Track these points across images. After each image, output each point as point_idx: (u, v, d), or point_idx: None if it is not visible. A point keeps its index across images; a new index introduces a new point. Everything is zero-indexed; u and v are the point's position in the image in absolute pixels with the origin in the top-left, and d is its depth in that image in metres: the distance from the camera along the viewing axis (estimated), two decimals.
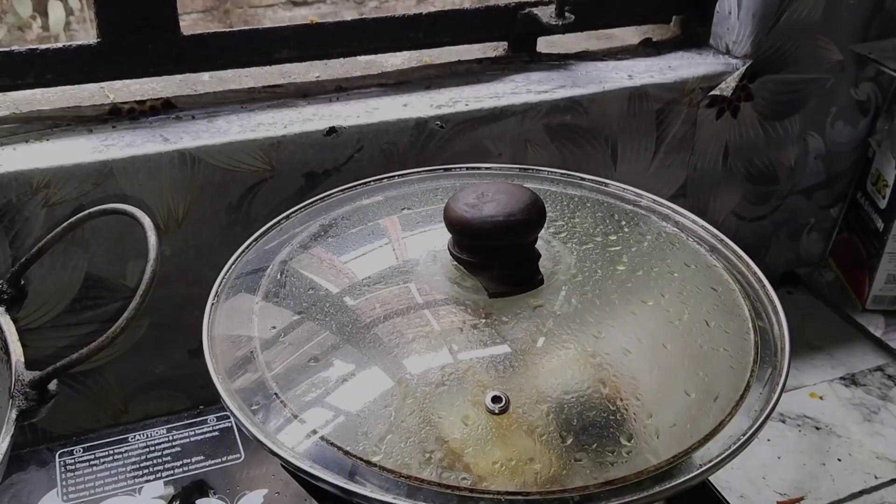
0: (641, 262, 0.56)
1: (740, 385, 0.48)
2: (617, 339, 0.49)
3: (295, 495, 0.62)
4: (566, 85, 0.81)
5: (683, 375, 0.48)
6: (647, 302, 0.53)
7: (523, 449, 0.43)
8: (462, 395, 0.45)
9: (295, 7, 1.55)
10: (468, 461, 0.42)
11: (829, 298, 1.01)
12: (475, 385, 0.45)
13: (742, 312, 0.53)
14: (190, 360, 0.74)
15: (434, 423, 0.44)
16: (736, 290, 0.55)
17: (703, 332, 0.51)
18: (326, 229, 0.60)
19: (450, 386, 0.45)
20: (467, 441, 0.43)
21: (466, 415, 0.44)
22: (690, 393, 0.47)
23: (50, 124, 0.69)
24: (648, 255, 0.58)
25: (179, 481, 0.62)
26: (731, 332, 0.52)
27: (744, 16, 0.85)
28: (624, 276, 0.54)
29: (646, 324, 0.52)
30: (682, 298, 0.54)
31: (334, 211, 0.63)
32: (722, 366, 0.49)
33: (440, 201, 0.57)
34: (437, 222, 0.54)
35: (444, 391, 0.45)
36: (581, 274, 0.53)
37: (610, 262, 0.55)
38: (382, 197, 0.65)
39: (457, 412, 0.44)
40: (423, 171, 0.68)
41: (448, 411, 0.44)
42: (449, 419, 0.44)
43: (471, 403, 0.44)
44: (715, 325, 0.52)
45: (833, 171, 1.00)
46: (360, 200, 0.64)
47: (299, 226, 0.61)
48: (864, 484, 0.76)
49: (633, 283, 0.54)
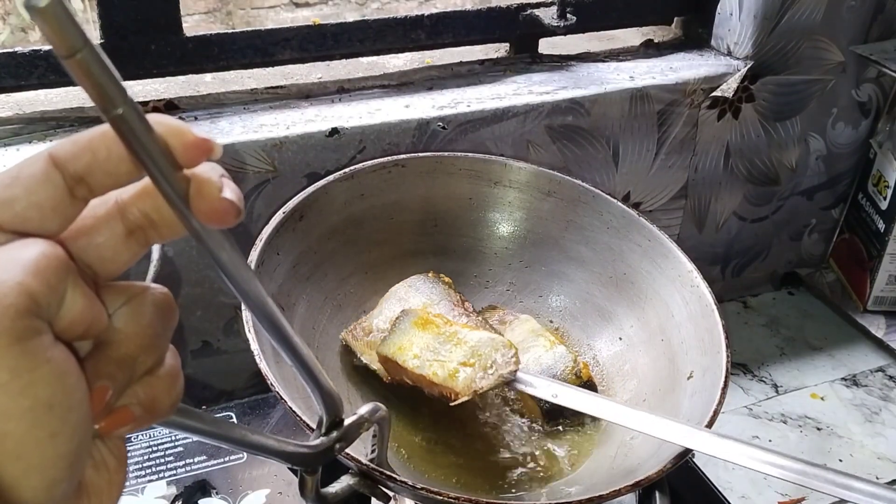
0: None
1: None
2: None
3: (296, 495, 0.62)
4: (568, 86, 0.81)
5: None
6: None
7: None
8: None
9: (297, 8, 1.55)
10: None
11: (830, 299, 1.01)
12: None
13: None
14: (193, 361, 0.75)
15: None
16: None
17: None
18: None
19: None
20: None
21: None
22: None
23: (53, 125, 0.69)
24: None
25: (182, 481, 0.62)
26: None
27: (745, 17, 0.85)
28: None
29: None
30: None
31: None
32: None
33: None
34: None
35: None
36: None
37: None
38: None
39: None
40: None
41: None
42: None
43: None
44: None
45: (834, 172, 1.00)
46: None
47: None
48: None
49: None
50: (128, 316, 0.27)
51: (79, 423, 0.24)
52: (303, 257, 0.62)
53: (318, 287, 0.64)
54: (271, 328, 0.31)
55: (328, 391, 0.36)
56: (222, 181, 0.26)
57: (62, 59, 0.22)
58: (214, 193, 0.25)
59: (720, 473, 0.76)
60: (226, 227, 0.26)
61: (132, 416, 0.26)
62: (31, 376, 0.23)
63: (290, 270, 0.61)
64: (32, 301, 0.23)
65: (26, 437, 0.23)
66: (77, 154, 0.25)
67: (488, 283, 0.72)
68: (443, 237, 0.71)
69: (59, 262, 0.24)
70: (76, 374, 0.25)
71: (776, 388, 0.88)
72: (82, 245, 0.26)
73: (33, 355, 0.23)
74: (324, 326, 0.63)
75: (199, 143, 0.26)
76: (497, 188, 0.72)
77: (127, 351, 0.26)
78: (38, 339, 0.23)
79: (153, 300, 0.27)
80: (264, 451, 0.33)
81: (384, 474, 0.45)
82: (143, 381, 0.27)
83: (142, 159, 0.24)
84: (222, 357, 0.76)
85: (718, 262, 0.99)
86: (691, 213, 0.92)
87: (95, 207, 0.26)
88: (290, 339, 0.32)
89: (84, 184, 0.25)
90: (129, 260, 0.27)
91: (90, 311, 0.25)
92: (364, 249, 0.68)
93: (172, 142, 0.25)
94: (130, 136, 0.24)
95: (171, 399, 0.28)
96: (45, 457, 0.24)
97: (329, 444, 0.37)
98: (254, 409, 0.70)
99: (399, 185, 0.69)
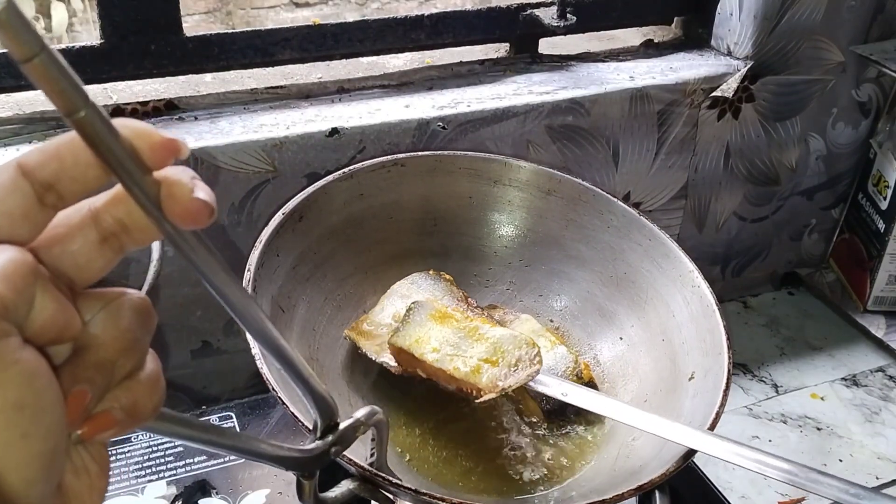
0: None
1: None
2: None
3: (297, 495, 0.62)
4: (568, 86, 0.81)
5: None
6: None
7: None
8: None
9: (297, 8, 1.56)
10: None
11: (830, 299, 1.01)
12: None
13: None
14: (192, 361, 0.75)
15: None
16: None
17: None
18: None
19: None
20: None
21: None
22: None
23: (53, 125, 0.69)
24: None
25: (182, 481, 0.62)
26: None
27: (745, 17, 0.85)
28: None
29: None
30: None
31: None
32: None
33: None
34: None
35: None
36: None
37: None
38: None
39: None
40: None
41: None
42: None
43: None
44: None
45: (834, 172, 1.00)
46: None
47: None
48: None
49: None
50: (105, 321, 0.27)
51: (52, 425, 0.25)
52: (302, 258, 0.62)
53: (317, 288, 0.64)
54: (255, 331, 0.31)
55: (320, 395, 0.35)
56: (193, 182, 0.26)
57: (20, 64, 0.22)
58: (186, 194, 0.25)
59: (720, 473, 0.76)
60: (199, 227, 0.26)
61: (114, 421, 0.27)
62: (0, 377, 0.23)
63: (290, 271, 0.61)
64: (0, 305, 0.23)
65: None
66: (44, 162, 0.25)
67: (488, 282, 0.72)
68: (443, 236, 0.71)
69: (26, 268, 0.24)
70: (47, 376, 0.25)
71: (776, 388, 0.88)
72: (56, 253, 0.26)
73: (1, 357, 0.23)
74: (324, 328, 0.63)
75: (166, 144, 0.26)
76: (497, 187, 0.71)
77: (105, 355, 0.26)
78: (5, 341, 0.24)
79: (130, 305, 0.28)
80: (257, 455, 0.33)
81: (384, 478, 0.45)
82: (124, 385, 0.27)
83: (109, 162, 0.24)
84: (222, 357, 0.76)
85: (718, 262, 0.99)
86: (691, 213, 0.92)
87: (69, 216, 0.27)
88: (275, 342, 0.32)
89: (53, 191, 0.25)
90: (104, 266, 0.27)
91: (61, 316, 0.26)
92: (363, 249, 0.68)
93: (139, 143, 0.25)
94: (95, 139, 0.24)
95: (153, 403, 0.28)
96: (18, 457, 0.24)
97: (324, 448, 0.37)
98: (254, 410, 0.70)
99: (398, 185, 0.69)
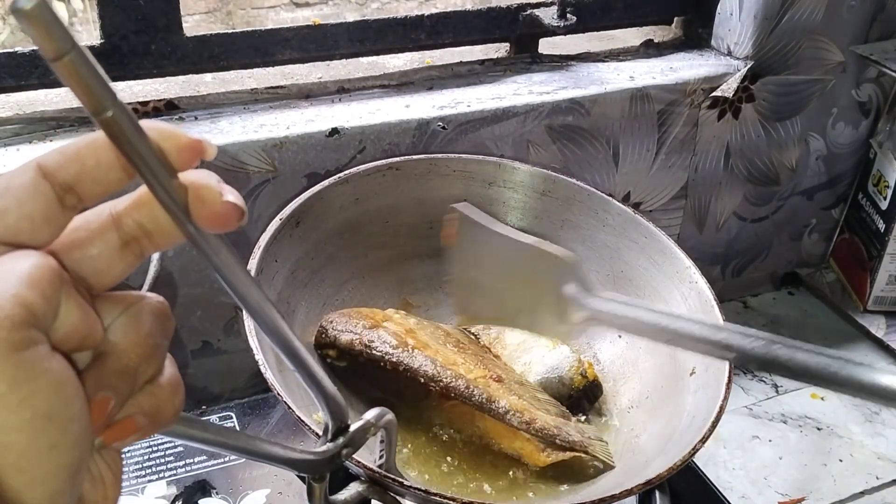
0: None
1: None
2: None
3: (297, 495, 0.62)
4: (568, 86, 0.81)
5: None
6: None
7: None
8: None
9: (297, 8, 1.55)
10: None
11: (831, 299, 1.01)
12: None
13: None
14: (193, 361, 0.75)
15: None
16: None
17: None
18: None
19: None
20: None
21: None
22: None
23: (53, 125, 0.69)
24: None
25: (182, 481, 0.62)
26: None
27: (745, 17, 0.85)
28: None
29: None
30: None
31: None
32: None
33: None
34: None
35: None
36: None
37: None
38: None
39: None
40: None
41: None
42: None
43: None
44: None
45: (834, 172, 1.00)
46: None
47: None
48: (866, 485, 0.76)
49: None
50: (126, 326, 0.27)
51: (79, 434, 0.24)
52: (301, 263, 0.62)
53: (316, 293, 0.64)
54: (271, 333, 0.31)
55: (333, 396, 0.35)
56: (220, 185, 0.26)
57: (50, 62, 0.22)
58: (216, 198, 0.25)
59: (720, 473, 0.76)
60: (229, 230, 0.26)
61: (136, 427, 0.26)
62: (30, 387, 0.23)
63: (289, 277, 0.61)
64: (29, 312, 0.23)
65: (28, 449, 0.23)
66: (65, 163, 0.25)
67: None
68: (439, 239, 0.71)
69: (53, 274, 0.24)
70: (74, 384, 0.24)
71: (776, 388, 0.88)
72: (76, 257, 0.26)
73: (31, 366, 0.23)
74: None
75: (193, 145, 0.26)
76: (491, 189, 0.72)
77: (128, 362, 0.26)
78: (35, 349, 0.23)
79: (150, 309, 0.27)
80: (270, 458, 0.33)
81: (393, 480, 0.45)
82: (146, 390, 0.27)
83: (135, 163, 0.24)
84: (222, 357, 0.76)
85: (718, 262, 0.99)
86: (691, 213, 0.92)
87: (89, 220, 0.26)
88: (291, 344, 0.32)
89: (73, 193, 0.25)
90: (124, 271, 0.27)
91: (85, 322, 0.25)
92: (361, 254, 0.68)
93: (166, 145, 0.25)
94: (122, 139, 0.24)
95: (175, 407, 0.28)
96: (46, 468, 0.23)
97: (335, 451, 0.37)
98: (254, 410, 0.70)
99: (394, 188, 0.69)
